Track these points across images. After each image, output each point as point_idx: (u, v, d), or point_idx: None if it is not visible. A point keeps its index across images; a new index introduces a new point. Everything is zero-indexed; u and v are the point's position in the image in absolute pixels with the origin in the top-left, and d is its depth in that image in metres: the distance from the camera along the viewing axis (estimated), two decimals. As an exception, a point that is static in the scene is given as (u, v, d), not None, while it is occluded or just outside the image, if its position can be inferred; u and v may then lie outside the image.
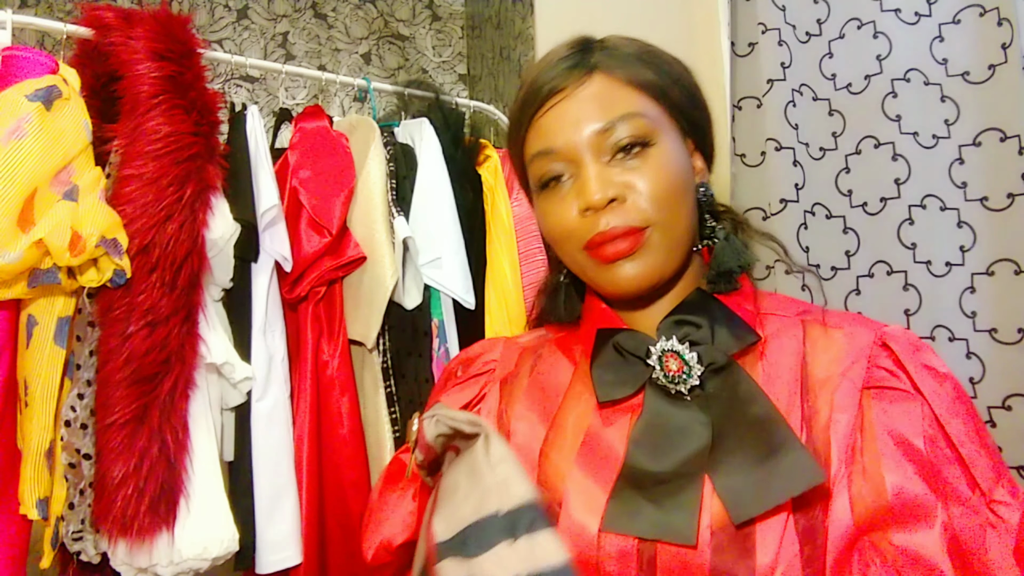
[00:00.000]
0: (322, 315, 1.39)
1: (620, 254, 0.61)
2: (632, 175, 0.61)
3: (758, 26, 1.32)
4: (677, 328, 0.63)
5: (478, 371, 0.74)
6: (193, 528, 1.10)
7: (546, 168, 0.64)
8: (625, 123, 0.62)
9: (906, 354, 0.58)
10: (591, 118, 0.62)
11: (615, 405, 0.62)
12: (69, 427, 1.09)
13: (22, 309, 1.09)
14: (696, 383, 0.60)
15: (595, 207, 0.61)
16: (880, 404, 0.56)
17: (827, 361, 0.60)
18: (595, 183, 0.61)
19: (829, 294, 1.28)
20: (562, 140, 0.63)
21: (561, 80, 0.64)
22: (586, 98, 0.63)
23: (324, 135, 1.42)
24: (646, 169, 0.62)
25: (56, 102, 1.03)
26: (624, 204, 0.61)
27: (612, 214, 0.61)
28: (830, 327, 0.62)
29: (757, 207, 1.32)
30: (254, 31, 2.44)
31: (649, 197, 0.61)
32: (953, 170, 1.17)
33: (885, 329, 0.61)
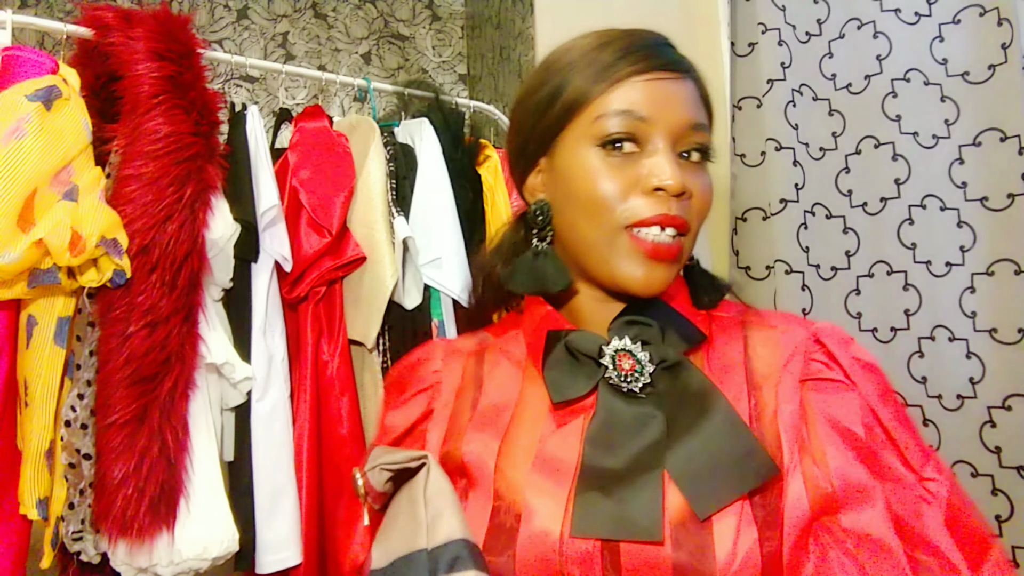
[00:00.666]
0: (322, 315, 1.39)
1: (669, 256, 0.61)
2: (693, 179, 0.62)
3: (758, 26, 1.32)
4: (628, 328, 0.63)
5: (422, 385, 0.71)
6: (193, 528, 1.10)
7: (621, 128, 0.62)
8: (706, 130, 0.64)
9: (837, 348, 0.61)
10: (693, 110, 0.63)
11: (568, 406, 0.62)
12: (69, 427, 1.09)
13: (22, 309, 1.09)
14: (648, 381, 0.61)
15: (669, 191, 0.60)
16: (818, 395, 0.59)
17: (768, 357, 0.62)
18: (675, 169, 0.60)
19: (829, 294, 1.28)
20: (655, 113, 0.61)
21: (668, 62, 0.64)
22: (687, 94, 0.64)
23: (324, 135, 1.42)
24: (705, 180, 0.64)
25: (56, 102, 1.03)
26: (688, 202, 0.62)
27: (679, 205, 0.61)
28: (767, 327, 0.65)
29: (757, 207, 1.32)
30: (254, 31, 2.44)
31: (699, 208, 0.63)
32: (953, 170, 1.17)
33: (817, 326, 0.64)
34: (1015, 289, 1.11)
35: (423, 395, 0.71)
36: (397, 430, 0.70)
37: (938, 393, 1.17)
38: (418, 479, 0.58)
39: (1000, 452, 1.10)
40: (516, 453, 0.62)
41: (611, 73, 0.63)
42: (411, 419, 0.70)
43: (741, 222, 1.34)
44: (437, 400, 0.69)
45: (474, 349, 0.73)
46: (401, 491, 0.59)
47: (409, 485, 0.59)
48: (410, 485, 0.59)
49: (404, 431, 0.70)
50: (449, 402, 0.69)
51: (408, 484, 0.59)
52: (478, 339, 0.75)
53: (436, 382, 0.71)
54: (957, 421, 1.15)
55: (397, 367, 0.77)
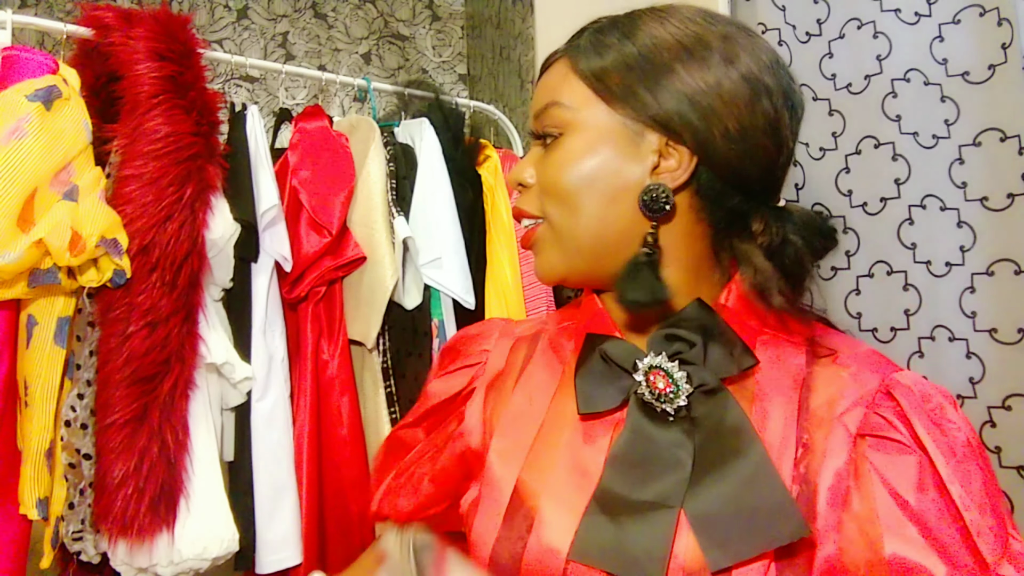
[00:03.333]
0: (322, 315, 1.39)
1: (525, 244, 0.64)
2: (542, 164, 0.62)
3: (758, 26, 1.32)
4: (668, 343, 0.57)
5: (470, 360, 0.71)
6: (193, 528, 1.10)
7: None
8: (548, 111, 0.61)
9: (913, 406, 0.52)
10: (542, 96, 0.63)
11: (597, 417, 0.59)
12: (69, 427, 1.09)
13: (22, 309, 1.09)
14: (683, 403, 0.55)
15: (512, 187, 0.65)
16: (875, 453, 0.51)
17: (826, 399, 0.54)
18: (518, 165, 0.63)
19: (829, 294, 1.28)
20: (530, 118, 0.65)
21: (546, 60, 0.66)
22: (544, 82, 0.64)
23: (324, 135, 1.42)
24: (548, 160, 0.61)
25: (56, 102, 1.03)
26: (529, 190, 0.63)
27: (522, 197, 0.63)
28: (838, 364, 0.56)
29: (757, 207, 1.32)
30: (254, 31, 2.44)
31: (542, 188, 0.61)
32: (953, 170, 1.17)
33: (895, 375, 0.54)
34: (1015, 289, 1.10)
35: (468, 370, 0.71)
36: (437, 397, 0.71)
37: (938, 393, 1.17)
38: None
39: (1000, 452, 1.10)
40: (541, 458, 0.60)
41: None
42: (452, 390, 0.70)
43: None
44: (480, 379, 0.69)
45: (530, 334, 0.71)
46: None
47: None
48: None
49: (443, 401, 0.71)
50: (486, 384, 0.68)
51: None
52: (538, 323, 0.73)
53: (482, 361, 0.70)
54: (957, 421, 1.15)
55: (457, 336, 0.76)
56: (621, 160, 0.58)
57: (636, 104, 0.57)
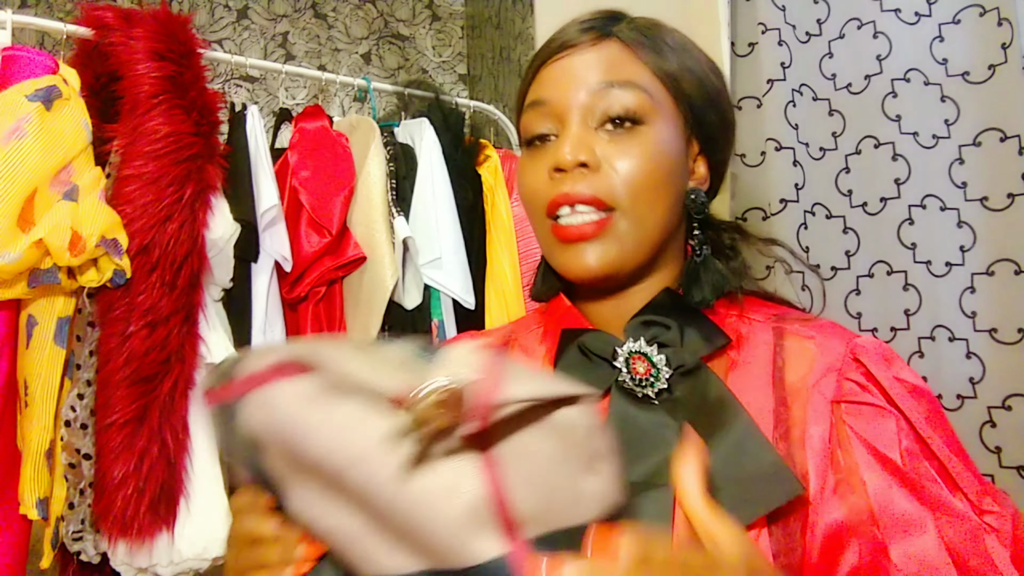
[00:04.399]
0: (322, 315, 1.39)
1: (583, 236, 0.56)
2: (615, 149, 0.57)
3: (758, 26, 1.32)
4: (645, 329, 0.59)
5: None
6: (193, 528, 1.10)
7: (534, 122, 0.61)
8: (624, 90, 0.57)
9: (878, 367, 0.55)
10: (591, 76, 0.58)
11: None
12: (69, 427, 1.09)
13: (22, 309, 1.09)
14: (664, 386, 0.56)
15: (564, 167, 0.56)
16: (852, 419, 0.54)
17: (799, 371, 0.57)
18: (571, 142, 0.57)
19: (829, 294, 1.28)
20: (556, 93, 0.59)
21: (575, 37, 0.60)
22: (593, 59, 0.59)
23: (324, 135, 1.42)
24: (631, 147, 0.57)
25: (56, 102, 1.03)
26: (596, 173, 0.57)
27: (582, 180, 0.56)
28: (803, 336, 0.59)
29: (757, 207, 1.32)
30: (254, 31, 2.44)
31: (625, 177, 0.56)
32: (953, 170, 1.17)
33: (856, 340, 0.58)
34: (1015, 289, 1.10)
35: None
36: None
37: (938, 393, 1.17)
38: (572, 424, 0.41)
39: (1000, 452, 1.10)
40: None
41: (531, 66, 0.63)
42: None
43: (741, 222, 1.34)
44: None
45: (499, 343, 0.70)
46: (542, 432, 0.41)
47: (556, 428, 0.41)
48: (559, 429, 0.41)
49: None
50: None
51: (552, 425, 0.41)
52: (505, 332, 0.72)
53: None
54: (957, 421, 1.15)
55: None
56: (682, 161, 0.61)
57: (698, 114, 0.61)
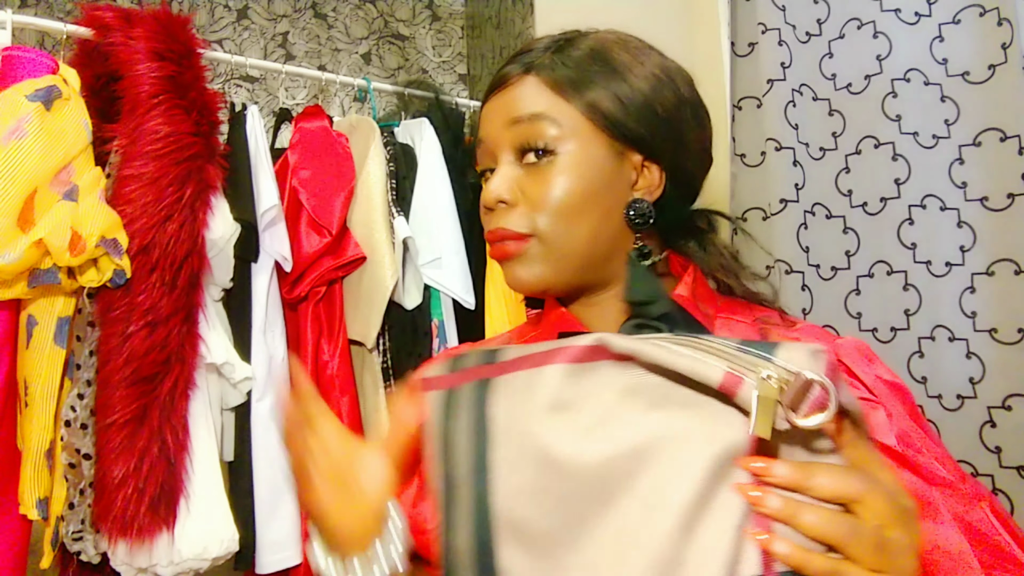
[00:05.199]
0: (322, 315, 1.39)
1: (504, 256, 0.62)
2: (531, 180, 0.62)
3: (758, 26, 1.32)
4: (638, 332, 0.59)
5: None
6: (193, 528, 1.10)
7: (479, 158, 0.67)
8: (531, 124, 0.61)
9: (859, 366, 0.59)
10: (506, 115, 0.63)
11: None
12: (69, 427, 1.09)
13: (22, 309, 1.09)
14: None
15: (487, 205, 0.63)
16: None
17: None
18: (493, 182, 0.62)
19: (829, 294, 1.28)
20: (485, 131, 0.65)
21: (503, 75, 0.65)
22: (512, 96, 0.63)
23: (324, 135, 1.42)
24: (545, 176, 0.61)
25: (56, 102, 1.03)
26: (513, 209, 0.62)
27: (501, 216, 0.62)
28: (788, 338, 0.62)
29: (757, 207, 1.32)
30: (254, 31, 2.44)
31: (538, 207, 0.61)
32: (953, 170, 1.17)
33: (838, 341, 0.62)
34: (1015, 289, 1.10)
35: None
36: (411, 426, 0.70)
37: (938, 393, 1.17)
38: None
39: (1000, 452, 1.10)
40: None
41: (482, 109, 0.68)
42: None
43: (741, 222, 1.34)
44: None
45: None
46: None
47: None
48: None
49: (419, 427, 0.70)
50: None
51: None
52: (503, 339, 0.76)
53: None
54: (957, 421, 1.15)
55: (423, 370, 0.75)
56: (611, 177, 0.63)
57: (624, 129, 0.63)
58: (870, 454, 0.43)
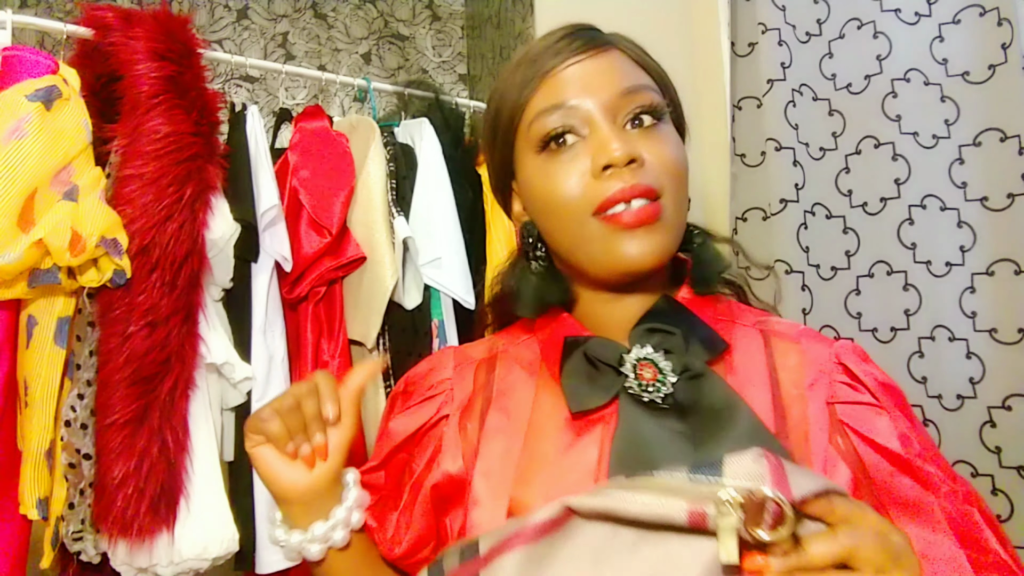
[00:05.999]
0: (322, 315, 1.39)
1: (644, 219, 0.57)
2: (647, 143, 0.60)
3: (758, 26, 1.32)
4: (650, 336, 0.60)
5: (430, 392, 0.68)
6: (193, 528, 1.10)
7: (553, 124, 0.61)
8: (646, 92, 0.61)
9: (858, 367, 0.60)
10: (614, 80, 0.61)
11: (586, 416, 0.60)
12: (69, 427, 1.09)
13: (22, 309, 1.09)
14: (670, 391, 0.57)
15: (617, 163, 0.58)
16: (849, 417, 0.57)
17: (791, 374, 0.60)
18: (615, 140, 0.58)
19: (829, 294, 1.28)
20: (578, 97, 0.60)
21: (587, 43, 0.62)
22: (605, 66, 0.61)
23: (324, 135, 1.42)
24: (661, 140, 0.61)
25: (56, 102, 1.03)
26: (644, 167, 0.59)
27: (633, 175, 0.58)
28: (787, 339, 0.63)
29: (757, 207, 1.32)
30: (254, 31, 2.44)
31: (664, 167, 0.59)
32: (953, 170, 1.17)
33: (837, 346, 0.62)
34: (1015, 289, 1.11)
35: (431, 401, 0.68)
36: (400, 435, 0.67)
37: (938, 393, 1.17)
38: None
39: (1000, 452, 1.10)
40: (533, 469, 0.59)
41: (533, 76, 0.63)
42: (416, 425, 0.67)
43: (741, 222, 1.34)
44: (449, 406, 0.66)
45: (485, 356, 0.70)
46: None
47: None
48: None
49: (406, 438, 0.67)
50: (459, 409, 0.66)
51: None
52: (489, 345, 0.72)
53: (446, 389, 0.68)
54: (957, 421, 1.15)
55: (406, 377, 0.72)
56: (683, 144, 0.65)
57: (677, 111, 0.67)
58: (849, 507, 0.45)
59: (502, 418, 0.63)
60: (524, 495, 0.58)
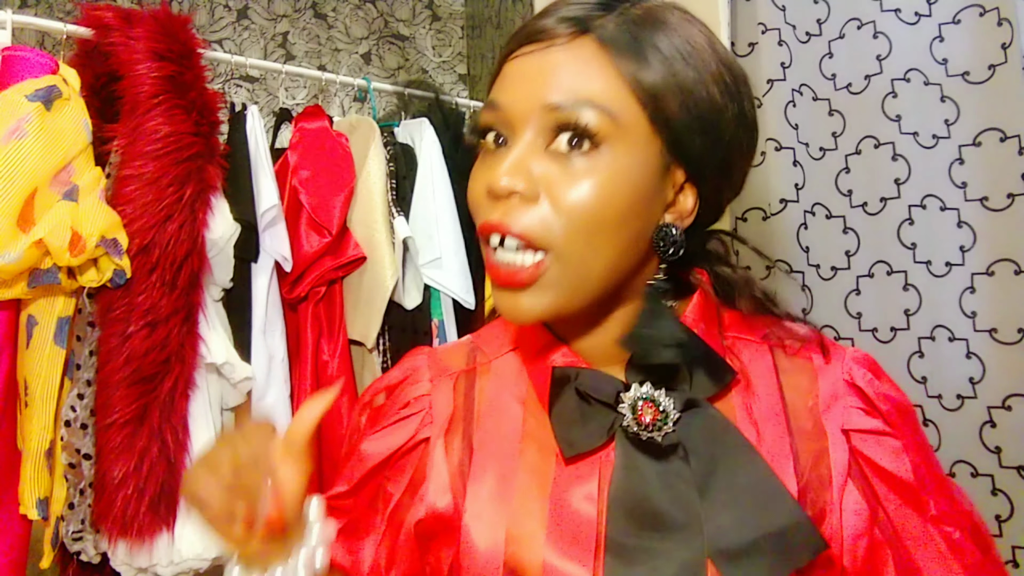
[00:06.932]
0: (322, 315, 1.39)
1: (512, 283, 0.49)
2: (561, 175, 0.49)
3: (758, 26, 1.32)
4: (649, 370, 0.54)
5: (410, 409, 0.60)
6: (193, 528, 1.10)
7: (485, 120, 0.53)
8: (582, 108, 0.48)
9: (870, 386, 0.55)
10: (549, 87, 0.49)
11: (582, 459, 0.53)
12: (69, 427, 1.09)
13: (22, 309, 1.09)
14: (672, 430, 0.52)
15: (496, 193, 0.49)
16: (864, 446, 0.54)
17: (803, 397, 0.55)
18: (509, 164, 0.49)
19: (829, 294, 1.28)
20: (510, 97, 0.51)
21: (548, 29, 0.51)
22: (559, 61, 0.50)
23: (324, 135, 1.42)
24: (581, 175, 0.48)
25: (56, 102, 1.03)
26: (531, 206, 0.49)
27: (513, 211, 0.49)
28: (797, 355, 0.57)
29: (757, 207, 1.32)
30: (254, 31, 2.44)
31: (566, 212, 0.48)
32: (953, 170, 1.17)
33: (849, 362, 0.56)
34: (1015, 289, 1.10)
35: (408, 421, 0.60)
36: (374, 459, 0.60)
37: (938, 393, 1.17)
38: None
39: (1000, 452, 1.10)
40: (527, 516, 0.53)
41: (500, 56, 0.54)
42: (392, 447, 0.59)
43: (741, 222, 1.34)
44: (429, 427, 0.59)
45: (464, 367, 0.62)
46: None
47: None
48: None
49: (381, 462, 0.59)
50: (441, 432, 0.58)
51: None
52: (468, 351, 0.64)
53: (424, 408, 0.60)
54: (957, 421, 1.15)
55: (377, 388, 0.65)
56: (652, 193, 0.51)
57: (685, 141, 0.51)
58: None
59: (490, 452, 0.56)
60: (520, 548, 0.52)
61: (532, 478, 0.54)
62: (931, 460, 0.56)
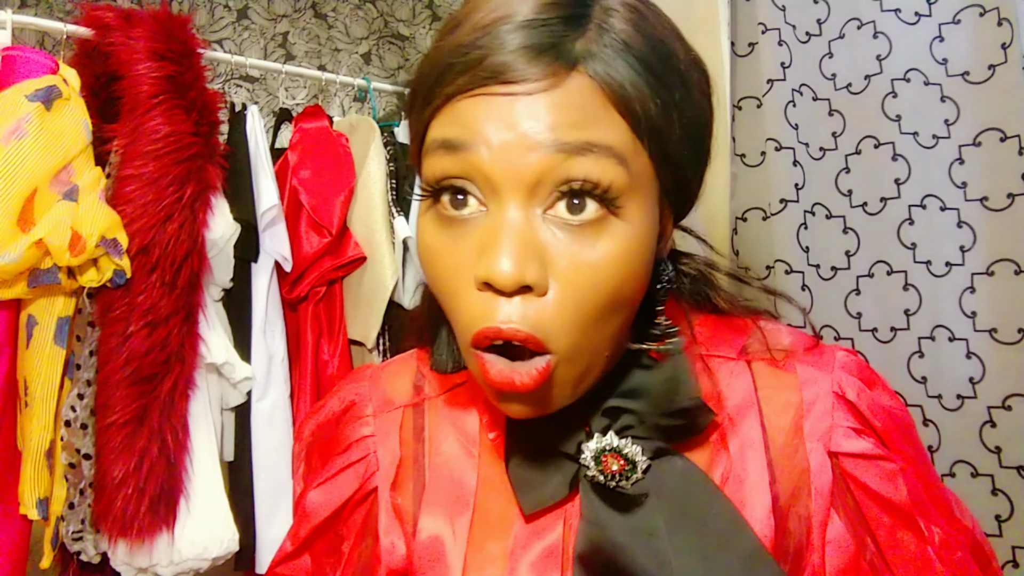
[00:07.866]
0: (322, 315, 1.39)
1: (514, 388, 0.41)
2: (569, 254, 0.39)
3: (758, 26, 1.32)
4: (614, 416, 0.48)
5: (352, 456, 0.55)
6: (193, 528, 1.10)
7: (450, 170, 0.41)
8: (590, 158, 0.39)
9: (863, 402, 0.50)
10: (546, 141, 0.38)
11: (543, 514, 0.49)
12: (69, 427, 1.09)
13: (22, 309, 1.09)
14: (640, 478, 0.47)
15: (501, 287, 0.39)
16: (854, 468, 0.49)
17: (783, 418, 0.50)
18: (511, 247, 0.38)
19: (829, 294, 1.28)
20: (487, 148, 0.39)
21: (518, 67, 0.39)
22: (550, 105, 0.39)
23: (324, 135, 1.42)
24: (596, 252, 0.40)
25: (56, 102, 1.03)
26: (539, 300, 0.39)
27: (519, 308, 0.39)
28: (780, 368, 0.51)
29: (757, 207, 1.32)
30: (254, 31, 2.44)
31: (577, 304, 0.40)
32: (953, 170, 1.17)
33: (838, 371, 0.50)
34: (1015, 289, 1.10)
35: (352, 469, 0.54)
36: (320, 514, 0.54)
37: (938, 393, 1.17)
38: None
39: (1000, 452, 1.10)
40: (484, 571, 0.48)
41: (433, 90, 0.43)
42: (338, 500, 0.54)
43: (741, 222, 1.34)
44: (376, 477, 0.53)
45: (410, 400, 0.56)
46: None
47: None
48: None
49: (332, 513, 0.54)
50: (388, 483, 0.53)
51: None
52: (414, 381, 0.57)
53: (369, 452, 0.54)
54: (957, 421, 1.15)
55: (314, 421, 0.59)
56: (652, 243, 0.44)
57: (681, 172, 0.45)
58: None
59: (442, 505, 0.51)
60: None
61: (490, 533, 0.49)
62: (929, 477, 0.51)
